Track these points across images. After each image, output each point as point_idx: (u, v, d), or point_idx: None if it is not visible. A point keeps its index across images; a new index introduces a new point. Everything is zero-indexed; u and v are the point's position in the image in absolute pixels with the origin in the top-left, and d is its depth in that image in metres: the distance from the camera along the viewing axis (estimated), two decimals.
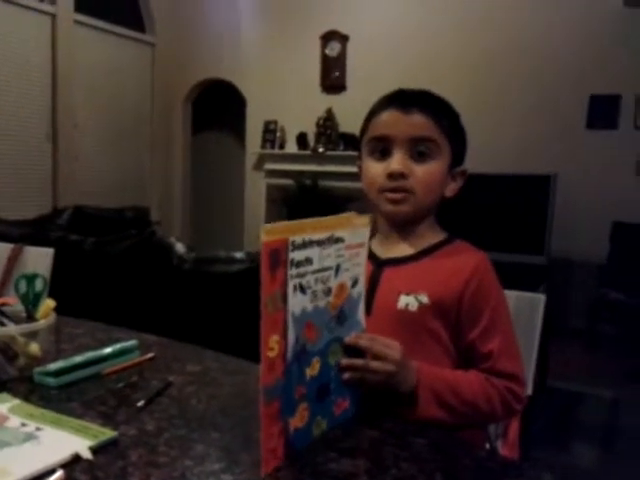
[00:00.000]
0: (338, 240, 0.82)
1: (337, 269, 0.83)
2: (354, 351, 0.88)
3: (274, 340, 0.72)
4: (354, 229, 0.85)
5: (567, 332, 4.12)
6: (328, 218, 0.81)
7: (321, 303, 0.80)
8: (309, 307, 0.78)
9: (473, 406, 0.95)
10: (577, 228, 4.66)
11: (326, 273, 0.80)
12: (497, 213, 4.59)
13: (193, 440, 0.83)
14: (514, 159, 4.79)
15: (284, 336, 0.74)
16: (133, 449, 0.80)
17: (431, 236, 1.07)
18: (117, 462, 0.76)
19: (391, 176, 1.01)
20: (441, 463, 0.81)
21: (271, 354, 0.72)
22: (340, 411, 0.86)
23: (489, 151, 4.50)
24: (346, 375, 0.87)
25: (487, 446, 1.08)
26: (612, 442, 2.79)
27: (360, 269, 0.88)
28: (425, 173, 1.02)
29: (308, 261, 0.77)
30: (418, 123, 1.01)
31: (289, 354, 0.75)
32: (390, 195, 1.03)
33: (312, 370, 0.80)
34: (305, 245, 0.76)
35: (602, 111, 4.68)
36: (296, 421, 0.77)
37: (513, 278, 1.15)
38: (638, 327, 4.20)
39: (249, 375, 1.12)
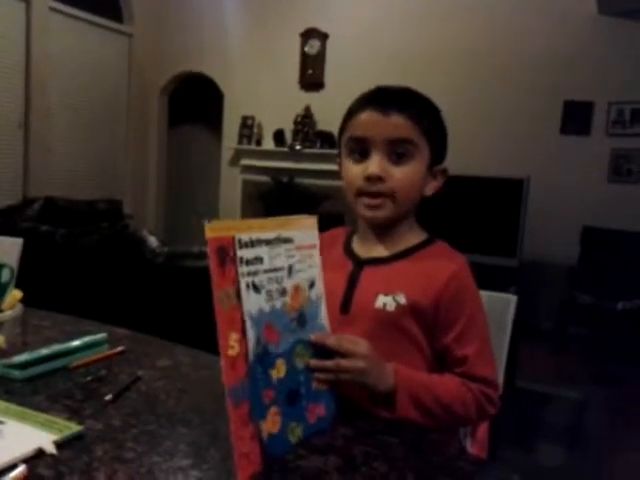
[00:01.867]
0: (287, 240, 0.83)
1: (290, 270, 0.83)
2: (323, 353, 0.87)
3: (234, 338, 0.72)
4: (302, 230, 0.86)
5: (536, 334, 4.18)
6: (275, 218, 0.83)
7: (277, 304, 0.80)
8: (266, 307, 0.78)
9: (449, 409, 0.95)
10: (548, 232, 4.74)
11: (279, 273, 0.81)
12: (470, 215, 4.64)
13: (161, 435, 0.82)
14: (488, 162, 4.85)
15: (244, 335, 0.74)
16: (99, 444, 0.78)
17: (411, 236, 1.07)
18: (82, 457, 0.74)
19: (369, 179, 1.01)
20: (412, 462, 0.81)
21: (232, 352, 0.72)
22: (315, 418, 0.85)
23: (463, 153, 4.53)
24: (320, 376, 0.86)
25: (457, 445, 1.08)
26: (578, 443, 2.84)
27: (315, 271, 0.88)
28: (404, 175, 1.01)
29: (258, 260, 0.78)
30: (396, 124, 1.00)
31: (251, 354, 0.75)
32: (367, 201, 1.02)
33: (278, 373, 0.79)
34: (253, 243, 0.77)
35: (575, 117, 4.77)
36: (269, 426, 0.76)
37: (484, 280, 1.16)
38: (606, 329, 4.29)
39: (219, 370, 1.11)
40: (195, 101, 6.89)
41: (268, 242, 0.80)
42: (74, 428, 0.80)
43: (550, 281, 4.73)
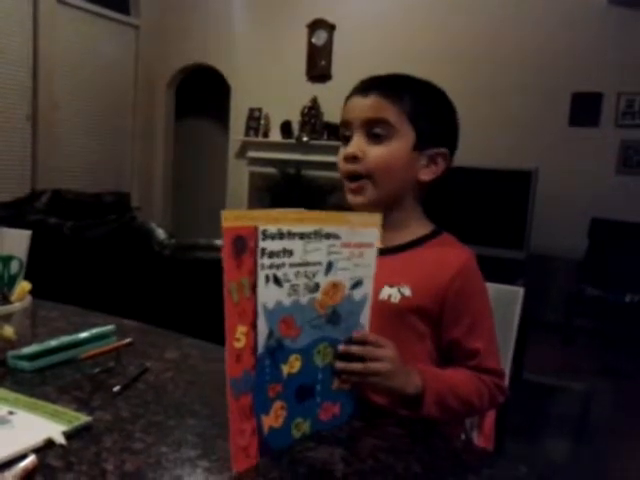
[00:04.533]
0: (330, 236, 0.79)
1: (329, 266, 0.80)
2: (349, 355, 0.85)
3: (240, 331, 0.71)
4: (353, 227, 0.82)
5: (543, 326, 4.17)
6: (318, 212, 0.79)
7: (303, 299, 0.78)
8: (286, 301, 0.76)
9: (469, 405, 0.96)
10: (556, 224, 4.72)
11: (312, 268, 0.78)
12: (477, 207, 4.62)
13: (169, 427, 0.82)
14: (496, 154, 4.82)
15: (253, 328, 0.72)
16: (108, 435, 0.79)
17: (418, 227, 1.06)
18: (91, 448, 0.75)
19: (346, 159, 1.01)
20: (418, 454, 0.81)
21: (238, 345, 0.71)
22: (328, 416, 0.84)
23: (471, 145, 4.48)
24: (344, 378, 0.84)
25: (463, 437, 1.08)
26: (584, 435, 2.84)
27: (366, 271, 0.85)
28: (379, 154, 0.99)
29: (287, 253, 0.75)
30: (371, 105, 1.00)
31: (260, 347, 0.73)
32: (348, 184, 1.03)
33: (290, 368, 0.78)
34: (282, 236, 0.74)
35: (584, 108, 4.73)
36: (271, 420, 0.76)
37: (491, 272, 1.15)
38: (614, 322, 4.27)
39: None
40: (202, 93, 6.88)
41: (303, 236, 0.76)
42: (83, 419, 0.81)
43: (558, 273, 4.71)
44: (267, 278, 0.73)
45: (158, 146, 6.70)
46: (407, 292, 0.98)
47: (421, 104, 1.02)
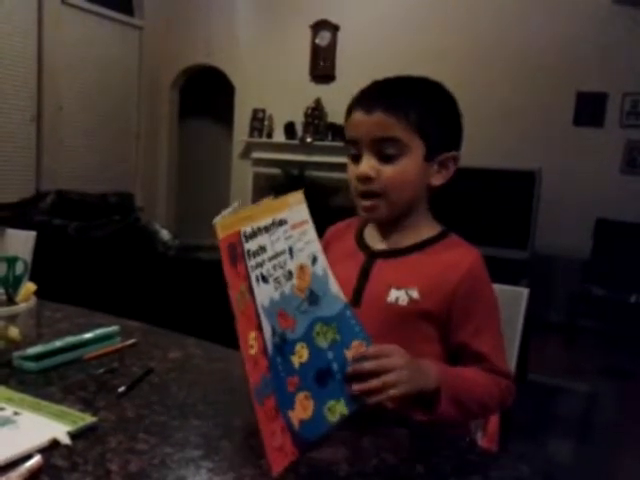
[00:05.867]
0: (282, 222, 0.80)
1: (291, 251, 0.81)
2: (348, 331, 0.84)
3: (252, 337, 0.70)
4: (291, 208, 0.84)
5: (548, 327, 4.17)
6: (266, 202, 0.79)
7: (286, 289, 0.78)
8: (276, 295, 0.76)
9: (483, 405, 0.96)
10: (561, 224, 4.71)
11: (281, 258, 0.79)
12: (481, 207, 4.61)
13: (173, 427, 0.83)
14: (500, 154, 4.81)
15: (260, 330, 0.72)
16: (112, 435, 0.79)
17: (426, 229, 1.06)
18: (96, 448, 0.75)
19: (359, 179, 1.01)
20: (422, 454, 0.81)
21: (252, 352, 0.70)
22: None
23: (475, 145, 4.50)
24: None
25: (467, 438, 1.08)
26: (588, 436, 2.83)
27: (313, 246, 0.85)
28: (394, 173, 0.99)
29: (262, 249, 0.75)
30: (379, 123, 0.98)
31: (269, 348, 0.73)
32: (362, 202, 1.03)
33: (300, 357, 0.77)
34: (255, 234, 0.74)
35: (589, 108, 4.72)
36: (299, 413, 0.74)
37: (495, 272, 1.15)
38: (618, 323, 4.26)
39: (231, 362, 1.12)
40: (206, 94, 6.89)
41: (267, 229, 0.77)
42: (88, 419, 0.81)
43: (562, 274, 4.70)
44: (257, 278, 0.73)
45: (162, 147, 6.71)
46: (415, 295, 0.97)
47: (427, 115, 1.01)
